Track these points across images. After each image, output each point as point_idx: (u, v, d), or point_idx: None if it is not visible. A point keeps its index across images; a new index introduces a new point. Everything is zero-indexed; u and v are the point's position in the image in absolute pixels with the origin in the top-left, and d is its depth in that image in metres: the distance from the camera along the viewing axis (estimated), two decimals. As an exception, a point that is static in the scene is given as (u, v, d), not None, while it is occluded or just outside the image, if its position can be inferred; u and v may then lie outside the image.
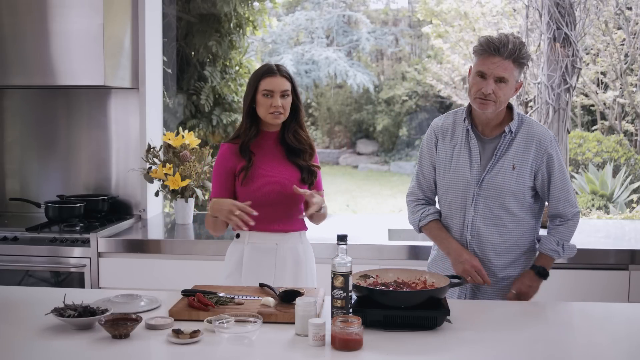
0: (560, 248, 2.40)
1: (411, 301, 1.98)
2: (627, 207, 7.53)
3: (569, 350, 1.89)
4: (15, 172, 3.93)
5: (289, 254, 2.49)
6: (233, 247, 2.54)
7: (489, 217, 2.38)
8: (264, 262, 2.47)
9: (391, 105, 14.07)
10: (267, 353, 1.80)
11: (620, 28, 8.06)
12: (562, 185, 2.37)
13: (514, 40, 2.28)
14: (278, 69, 2.45)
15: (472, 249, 2.41)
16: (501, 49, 2.25)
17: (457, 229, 2.43)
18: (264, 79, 2.43)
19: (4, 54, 3.42)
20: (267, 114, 2.43)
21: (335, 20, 14.26)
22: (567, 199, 2.39)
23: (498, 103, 2.30)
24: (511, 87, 2.30)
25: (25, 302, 2.25)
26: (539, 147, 2.35)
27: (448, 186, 2.44)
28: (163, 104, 4.11)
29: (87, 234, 3.28)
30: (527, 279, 2.39)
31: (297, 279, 2.48)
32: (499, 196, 2.36)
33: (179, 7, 6.90)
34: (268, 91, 2.42)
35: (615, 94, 8.83)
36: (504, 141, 2.37)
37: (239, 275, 2.48)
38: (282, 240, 2.48)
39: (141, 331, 1.92)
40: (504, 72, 2.26)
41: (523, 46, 2.30)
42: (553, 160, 2.36)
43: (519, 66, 2.30)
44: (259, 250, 2.47)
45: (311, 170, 2.51)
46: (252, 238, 2.48)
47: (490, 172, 2.36)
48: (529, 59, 2.33)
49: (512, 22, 7.26)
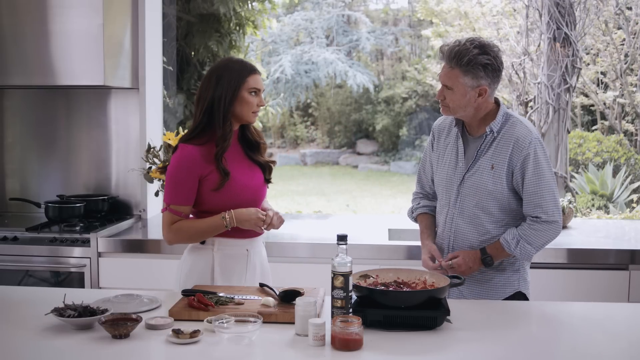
0: (514, 242, 2.31)
1: (411, 301, 1.98)
2: (627, 207, 7.53)
3: (569, 350, 1.89)
4: (15, 172, 3.93)
5: (257, 258, 2.46)
6: (197, 255, 2.41)
7: (468, 216, 2.39)
8: (236, 269, 2.40)
9: (391, 105, 14.08)
10: (267, 353, 1.80)
11: (620, 28, 8.05)
12: (534, 189, 2.30)
13: (455, 48, 2.28)
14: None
15: (452, 245, 2.44)
16: (445, 57, 2.32)
17: (442, 224, 2.49)
18: (251, 76, 2.33)
19: (4, 54, 3.42)
20: (251, 112, 2.35)
21: (335, 20, 14.26)
22: (538, 203, 2.30)
23: (451, 108, 2.35)
24: (461, 93, 2.30)
25: (25, 302, 2.25)
26: (516, 148, 2.32)
27: (437, 183, 2.52)
28: (163, 103, 4.11)
29: (87, 234, 3.28)
30: (471, 260, 2.34)
31: (265, 282, 2.43)
32: (476, 195, 2.37)
33: (179, 7, 6.91)
34: (256, 89, 2.34)
35: (615, 94, 8.83)
36: (486, 141, 2.38)
37: (209, 283, 2.39)
38: (251, 245, 2.43)
39: (141, 331, 1.92)
40: (447, 80, 2.32)
41: (465, 52, 2.25)
42: (529, 162, 2.29)
43: (466, 73, 2.27)
44: (230, 258, 2.40)
45: (270, 168, 2.49)
46: (221, 245, 2.38)
47: (470, 170, 2.39)
48: (474, 64, 2.26)
49: (512, 22, 7.25)
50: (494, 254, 2.35)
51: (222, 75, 2.31)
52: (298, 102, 14.59)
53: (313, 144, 15.08)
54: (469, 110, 2.35)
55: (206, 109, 2.31)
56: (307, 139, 15.07)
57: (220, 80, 2.31)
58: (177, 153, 2.32)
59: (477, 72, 2.28)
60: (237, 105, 2.32)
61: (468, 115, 2.37)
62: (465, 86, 2.29)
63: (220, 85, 2.30)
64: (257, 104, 2.36)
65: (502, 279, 2.41)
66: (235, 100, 2.31)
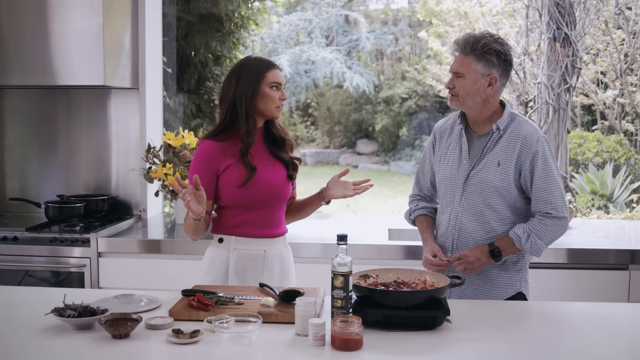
0: (525, 236, 2.32)
1: (411, 301, 1.98)
2: (627, 207, 7.53)
3: (569, 350, 1.89)
4: (15, 172, 3.93)
5: (276, 260, 2.43)
6: (215, 252, 2.42)
7: (474, 213, 2.40)
8: (252, 270, 2.39)
9: (390, 105, 14.07)
10: (267, 353, 1.80)
11: (620, 28, 8.05)
12: (544, 186, 2.33)
13: (472, 35, 2.35)
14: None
15: (456, 243, 2.43)
16: (460, 46, 2.36)
17: (444, 223, 2.48)
18: (270, 71, 2.35)
19: (4, 54, 3.42)
20: (274, 107, 2.36)
21: (335, 20, 14.26)
22: (548, 200, 2.33)
23: (460, 97, 2.36)
24: (472, 80, 2.33)
25: (25, 302, 2.25)
26: (524, 145, 2.35)
27: (440, 183, 2.51)
28: (163, 103, 4.11)
29: (87, 234, 3.28)
30: (479, 251, 2.36)
31: (285, 285, 2.42)
32: (482, 191, 2.38)
33: (179, 7, 6.91)
34: (277, 83, 2.35)
35: (615, 94, 8.83)
36: (492, 138, 2.39)
37: (225, 283, 2.40)
38: (269, 246, 2.41)
39: (141, 331, 1.92)
40: (459, 67, 2.35)
41: (482, 38, 2.33)
42: (538, 159, 2.33)
43: (479, 58, 2.33)
44: (246, 258, 2.39)
45: (294, 165, 2.47)
46: (238, 244, 2.39)
47: (476, 168, 2.40)
48: (489, 50, 2.32)
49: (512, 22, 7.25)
50: (502, 247, 2.35)
51: (242, 73, 2.34)
52: (298, 102, 14.59)
53: (313, 144, 15.07)
54: (477, 100, 2.36)
55: (229, 107, 2.34)
56: (307, 139, 15.06)
57: (240, 79, 2.34)
58: (197, 149, 2.39)
59: (490, 58, 2.33)
60: (260, 101, 2.34)
61: (475, 107, 2.38)
62: (477, 72, 2.33)
63: (241, 83, 2.33)
64: (279, 98, 2.36)
65: (505, 278, 2.42)
66: (257, 96, 2.33)
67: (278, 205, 2.43)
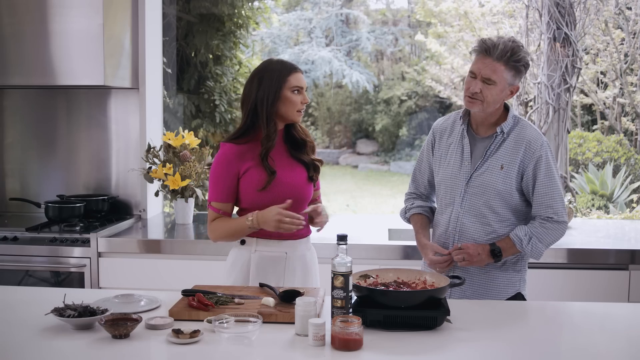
0: (526, 239, 2.34)
1: (411, 301, 1.98)
2: (627, 207, 7.53)
3: (568, 350, 1.89)
4: (15, 172, 3.93)
5: (298, 263, 2.41)
6: (238, 254, 2.42)
7: (475, 214, 2.40)
8: (273, 272, 2.37)
9: (390, 105, 14.08)
10: (267, 353, 1.80)
11: (620, 28, 8.06)
12: (546, 190, 2.34)
13: (508, 43, 2.31)
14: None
15: (456, 244, 2.43)
16: (492, 50, 2.30)
17: (444, 223, 2.48)
18: (292, 74, 2.33)
19: (4, 54, 3.42)
20: (295, 111, 2.34)
21: (335, 20, 14.25)
22: (549, 204, 2.34)
23: (485, 103, 2.34)
24: (500, 89, 2.32)
25: (25, 302, 2.25)
26: (528, 149, 2.36)
27: (440, 183, 2.50)
28: (164, 104, 4.11)
29: (87, 234, 3.28)
30: (481, 248, 2.36)
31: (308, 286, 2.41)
32: (484, 194, 2.38)
33: (179, 7, 6.91)
34: (299, 87, 2.33)
35: (615, 93, 8.83)
36: (495, 141, 2.40)
37: (245, 284, 2.39)
38: (291, 248, 2.39)
39: (141, 331, 1.92)
40: (492, 74, 2.30)
41: (518, 50, 2.31)
42: (541, 163, 2.35)
43: (511, 69, 2.31)
44: (268, 260, 2.37)
45: (315, 166, 2.46)
46: (259, 246, 2.38)
47: (479, 170, 2.40)
48: (523, 63, 2.32)
49: (512, 22, 7.25)
50: (503, 248, 2.37)
51: (264, 76, 2.32)
52: (298, 102, 14.57)
53: (313, 144, 15.04)
54: (497, 106, 2.37)
55: (250, 111, 2.33)
56: (307, 139, 15.03)
57: (262, 82, 2.32)
58: (218, 152, 2.38)
59: (520, 70, 2.34)
60: (281, 105, 2.33)
61: (490, 113, 2.38)
62: (506, 81, 2.33)
63: (263, 86, 2.31)
64: (301, 102, 2.34)
65: (505, 279, 2.42)
66: (279, 100, 2.32)
67: (299, 207, 2.38)
